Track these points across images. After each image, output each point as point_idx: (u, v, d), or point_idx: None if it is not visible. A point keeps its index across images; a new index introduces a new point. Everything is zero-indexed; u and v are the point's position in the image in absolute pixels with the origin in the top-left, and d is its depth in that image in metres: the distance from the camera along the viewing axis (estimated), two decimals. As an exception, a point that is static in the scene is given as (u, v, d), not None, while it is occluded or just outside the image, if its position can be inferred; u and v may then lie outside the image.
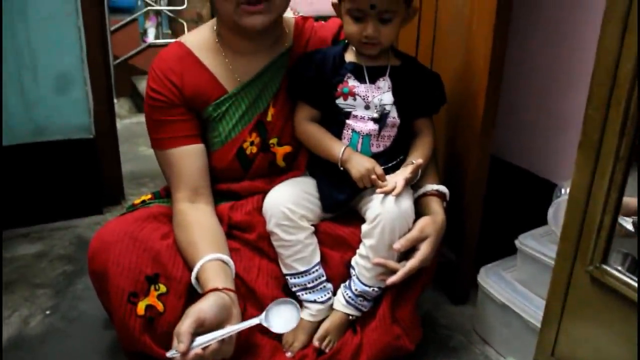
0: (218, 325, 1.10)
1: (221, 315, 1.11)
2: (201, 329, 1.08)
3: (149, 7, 4.80)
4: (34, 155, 2.03)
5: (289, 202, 1.31)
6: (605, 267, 0.95)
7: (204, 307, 1.10)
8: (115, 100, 3.75)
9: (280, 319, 1.14)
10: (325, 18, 1.50)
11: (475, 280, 1.50)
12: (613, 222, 0.94)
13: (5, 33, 1.89)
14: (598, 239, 0.95)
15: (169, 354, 1.05)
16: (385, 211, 1.24)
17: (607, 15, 0.90)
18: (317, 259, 1.34)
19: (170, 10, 4.96)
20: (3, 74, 1.91)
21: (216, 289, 1.14)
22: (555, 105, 1.65)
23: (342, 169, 1.30)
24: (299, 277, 1.33)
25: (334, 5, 1.32)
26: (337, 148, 1.30)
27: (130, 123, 3.50)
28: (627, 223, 1.02)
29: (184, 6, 4.67)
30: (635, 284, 0.90)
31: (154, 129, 1.35)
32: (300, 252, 1.32)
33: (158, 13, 4.99)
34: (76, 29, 1.98)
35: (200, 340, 1.06)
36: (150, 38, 4.87)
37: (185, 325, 1.06)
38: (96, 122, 2.10)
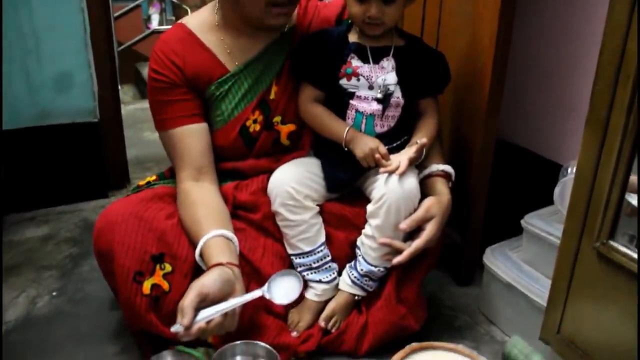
0: (221, 299, 1.11)
1: (224, 289, 1.11)
2: (204, 303, 1.08)
3: (153, -7, 4.79)
4: (40, 139, 2.03)
5: (294, 181, 1.31)
6: (612, 243, 0.95)
7: (206, 282, 1.10)
8: (119, 87, 3.74)
9: (283, 290, 1.14)
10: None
11: (481, 262, 1.49)
12: (620, 198, 0.93)
13: (9, 18, 1.89)
14: (605, 215, 0.95)
15: (173, 329, 1.05)
16: (391, 191, 1.24)
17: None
18: (322, 239, 1.34)
19: (174, -4, 4.95)
20: (8, 58, 1.91)
21: (220, 264, 1.14)
22: (561, 87, 1.64)
23: (346, 149, 1.30)
24: (304, 257, 1.33)
25: None
26: (341, 128, 1.30)
27: (134, 109, 3.49)
28: (633, 199, 1.00)
29: (188, -8, 4.67)
30: (642, 260, 0.90)
31: (157, 109, 1.35)
32: (305, 232, 1.32)
33: (162, -1, 4.98)
34: (79, 11, 1.97)
35: (204, 314, 1.06)
36: (154, 24, 4.87)
37: (188, 299, 1.06)
38: (101, 105, 2.09)
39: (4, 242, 1.84)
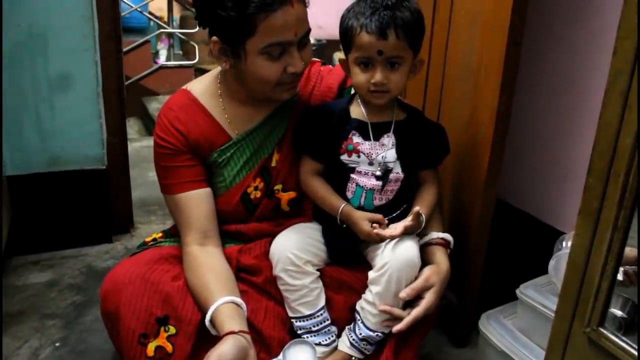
0: None
1: (240, 357, 1.15)
2: None
3: (162, 30, 4.88)
4: (48, 184, 2.08)
5: (295, 247, 1.34)
6: (602, 330, 0.98)
7: (224, 350, 1.13)
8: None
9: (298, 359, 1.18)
10: (336, 42, 1.51)
11: (477, 323, 1.52)
12: (610, 287, 0.97)
13: (26, 65, 1.96)
14: (596, 302, 0.98)
15: None
16: (393, 260, 1.28)
17: (608, 91, 0.93)
18: (322, 302, 1.37)
19: (182, 33, 5.03)
20: (22, 105, 1.98)
21: (233, 332, 1.18)
22: (560, 152, 1.69)
23: (344, 225, 1.34)
24: (304, 321, 1.37)
25: (341, 62, 1.35)
26: (335, 207, 1.34)
27: (140, 147, 3.54)
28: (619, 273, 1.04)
29: (196, 29, 4.75)
30: (632, 350, 0.93)
31: (162, 174, 1.40)
32: (305, 296, 1.35)
33: (170, 35, 5.07)
34: (93, 63, 2.03)
35: None
36: (162, 59, 4.95)
37: None
38: (109, 153, 2.15)
39: (8, 287, 1.87)
